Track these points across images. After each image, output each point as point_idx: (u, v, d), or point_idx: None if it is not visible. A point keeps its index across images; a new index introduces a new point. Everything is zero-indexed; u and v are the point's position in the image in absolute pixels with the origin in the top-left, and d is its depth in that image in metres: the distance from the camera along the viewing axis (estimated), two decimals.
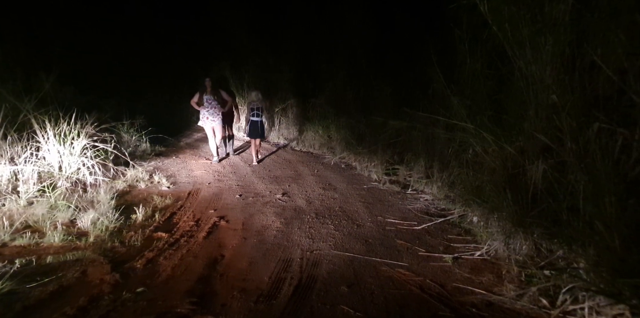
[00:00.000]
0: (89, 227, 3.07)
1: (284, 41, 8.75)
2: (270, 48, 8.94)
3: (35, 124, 4.00)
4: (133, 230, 3.26)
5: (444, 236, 3.02)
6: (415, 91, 5.81)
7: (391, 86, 6.26)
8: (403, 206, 3.91)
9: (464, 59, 4.16)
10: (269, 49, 9.00)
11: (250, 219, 3.71)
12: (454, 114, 3.69)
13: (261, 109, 5.82)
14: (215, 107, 5.73)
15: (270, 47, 8.94)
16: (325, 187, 4.87)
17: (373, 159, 5.65)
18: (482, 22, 3.16)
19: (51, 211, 3.19)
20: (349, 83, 7.78)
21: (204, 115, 5.73)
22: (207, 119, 5.74)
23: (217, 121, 5.81)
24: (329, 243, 3.05)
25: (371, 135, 6.08)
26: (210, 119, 5.74)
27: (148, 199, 4.19)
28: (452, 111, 3.88)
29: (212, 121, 5.76)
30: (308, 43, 8.43)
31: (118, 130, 5.99)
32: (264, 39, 9.04)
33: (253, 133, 5.88)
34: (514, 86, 2.70)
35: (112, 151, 4.74)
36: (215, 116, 5.76)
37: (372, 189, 4.66)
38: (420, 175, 4.59)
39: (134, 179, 4.77)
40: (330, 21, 8.01)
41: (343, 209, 3.95)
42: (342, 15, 7.70)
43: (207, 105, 5.69)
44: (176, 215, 3.78)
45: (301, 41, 8.50)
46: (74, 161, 4.15)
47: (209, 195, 4.50)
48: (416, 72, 5.99)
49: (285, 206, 4.12)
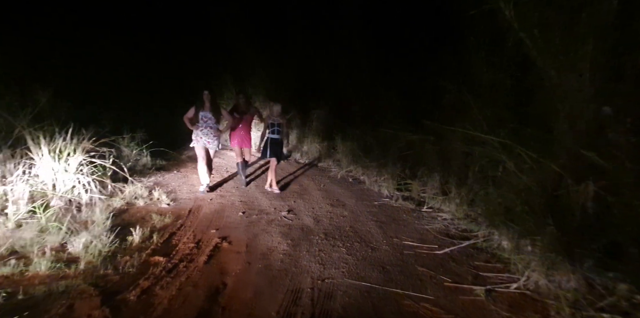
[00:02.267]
0: (81, 252, 2.82)
1: (286, 51, 8.66)
2: (272, 59, 8.84)
3: (29, 140, 3.81)
4: (128, 254, 3.00)
5: (471, 263, 2.73)
6: (425, 101, 5.61)
7: (399, 97, 6.07)
8: (420, 226, 3.63)
9: (481, 69, 3.96)
10: (271, 60, 8.91)
11: (254, 240, 3.45)
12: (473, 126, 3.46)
13: (280, 125, 5.04)
14: (211, 126, 4.72)
15: (273, 58, 8.84)
16: (333, 203, 4.60)
17: (382, 173, 5.40)
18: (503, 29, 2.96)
19: (41, 235, 2.95)
20: (354, 94, 7.61)
21: (197, 135, 4.72)
22: (201, 140, 4.73)
23: (213, 143, 4.80)
24: (341, 269, 2.77)
25: (379, 147, 5.85)
26: (204, 139, 4.72)
27: (146, 218, 3.94)
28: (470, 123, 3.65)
29: (206, 142, 4.75)
30: (310, 53, 8.33)
31: (118, 144, 5.80)
32: (265, 50, 8.96)
33: (268, 151, 5.05)
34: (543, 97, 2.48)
35: (110, 167, 4.52)
36: (211, 137, 4.74)
37: (384, 207, 4.39)
38: (436, 191, 4.32)
39: (133, 196, 4.53)
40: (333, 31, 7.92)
41: (354, 229, 3.68)
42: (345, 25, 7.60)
43: (202, 123, 4.68)
44: (175, 236, 3.53)
45: (303, 51, 8.40)
46: (68, 179, 3.93)
47: (211, 213, 4.25)
48: (425, 83, 5.81)
49: (292, 225, 3.86)
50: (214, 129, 4.75)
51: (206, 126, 4.71)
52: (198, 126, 4.68)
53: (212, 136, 4.76)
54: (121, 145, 6.23)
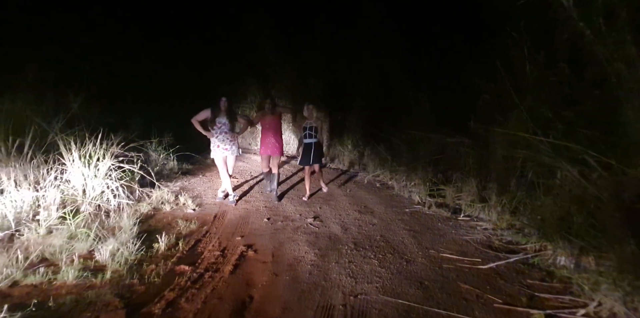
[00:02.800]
0: (108, 260, 2.78)
1: (310, 52, 8.54)
2: (296, 61, 8.76)
3: (61, 146, 3.87)
4: (154, 262, 2.94)
5: (523, 281, 2.44)
6: (458, 102, 5.30)
7: (429, 97, 5.78)
8: (458, 236, 3.36)
9: (524, 65, 3.64)
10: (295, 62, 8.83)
11: (280, 248, 3.30)
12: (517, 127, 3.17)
13: (315, 129, 4.69)
14: (226, 132, 4.56)
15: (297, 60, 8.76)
16: (361, 210, 4.40)
17: (412, 177, 5.13)
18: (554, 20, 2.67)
19: (70, 241, 2.94)
20: (381, 95, 7.37)
21: (214, 143, 4.56)
22: (218, 148, 4.55)
23: (231, 149, 4.63)
24: (375, 284, 2.57)
25: (408, 151, 5.59)
26: (222, 147, 4.55)
27: (172, 224, 3.90)
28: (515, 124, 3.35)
29: (223, 149, 4.56)
30: (335, 54, 8.17)
31: (146, 149, 5.88)
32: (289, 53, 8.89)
33: (305, 158, 4.75)
34: (606, 94, 2.18)
35: (137, 172, 4.55)
36: (228, 143, 4.58)
37: (416, 214, 4.13)
38: (472, 198, 4.02)
39: (159, 201, 4.53)
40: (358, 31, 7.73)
41: (385, 238, 3.45)
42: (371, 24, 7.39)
43: (217, 130, 4.53)
44: (201, 243, 3.45)
45: (328, 52, 8.25)
46: (98, 184, 3.96)
47: (236, 218, 4.17)
48: (458, 82, 5.49)
49: (318, 232, 3.69)
50: (229, 134, 4.59)
51: (221, 132, 4.54)
52: (213, 134, 4.54)
53: (229, 141, 4.58)
54: (149, 149, 6.33)
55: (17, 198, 3.25)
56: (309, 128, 4.70)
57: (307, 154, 4.73)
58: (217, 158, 4.62)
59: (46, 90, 4.21)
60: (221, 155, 4.59)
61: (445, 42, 6.11)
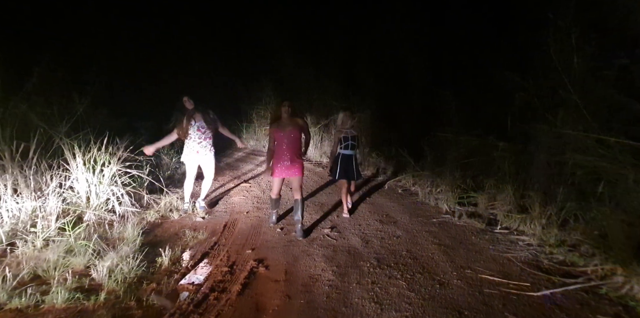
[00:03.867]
0: (104, 278, 2.52)
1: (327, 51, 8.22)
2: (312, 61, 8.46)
3: (66, 150, 3.69)
4: (156, 280, 2.66)
5: (590, 316, 2.00)
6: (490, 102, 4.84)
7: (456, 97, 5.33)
8: (497, 253, 2.92)
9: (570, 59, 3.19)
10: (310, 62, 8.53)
11: (294, 264, 2.97)
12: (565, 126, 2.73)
13: (356, 138, 4.03)
14: (208, 137, 4.12)
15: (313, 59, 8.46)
16: (383, 220, 4.01)
17: (438, 183, 4.70)
18: None
19: (66, 256, 2.70)
20: (400, 94, 6.96)
21: (192, 149, 4.08)
22: (197, 154, 4.10)
23: (209, 154, 4.16)
24: (404, 313, 2.19)
25: (433, 154, 5.15)
26: (201, 152, 4.10)
27: (179, 234, 3.64)
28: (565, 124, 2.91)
29: (203, 155, 4.12)
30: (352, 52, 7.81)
31: (157, 152, 5.68)
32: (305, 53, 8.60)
33: (343, 171, 3.98)
34: None
35: (145, 178, 4.33)
36: (208, 149, 4.15)
37: (445, 225, 3.71)
38: (509, 207, 3.57)
39: (168, 209, 4.28)
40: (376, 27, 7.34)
41: (413, 254, 3.06)
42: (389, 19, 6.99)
43: (198, 135, 4.06)
44: (208, 256, 3.16)
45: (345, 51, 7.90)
46: (103, 191, 3.75)
47: (247, 228, 3.87)
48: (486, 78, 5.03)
49: (336, 245, 3.34)
50: (210, 139, 4.16)
51: (204, 137, 4.09)
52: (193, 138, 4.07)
53: (209, 147, 4.17)
54: (161, 153, 6.15)
55: (14, 207, 3.06)
56: (351, 137, 3.96)
57: (346, 167, 3.98)
58: (190, 164, 4.22)
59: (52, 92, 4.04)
60: (195, 161, 4.18)
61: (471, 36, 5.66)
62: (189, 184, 4.30)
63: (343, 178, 4.02)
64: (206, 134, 4.14)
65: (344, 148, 3.99)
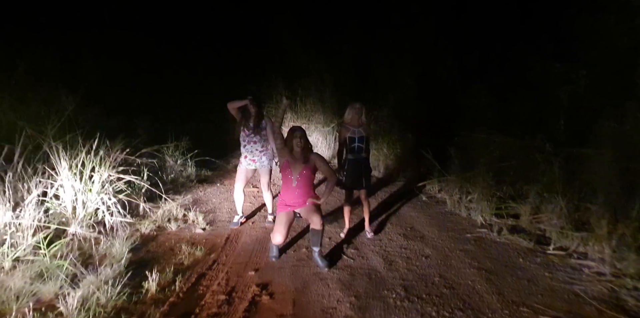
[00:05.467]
0: (74, 312, 2.09)
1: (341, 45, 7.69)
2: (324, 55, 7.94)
3: (51, 154, 3.30)
4: (137, 313, 2.22)
5: None
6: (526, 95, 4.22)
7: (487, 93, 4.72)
8: (558, 283, 2.35)
9: None
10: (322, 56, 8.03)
11: (304, 292, 2.49)
12: None
13: (366, 140, 3.34)
14: (256, 141, 3.66)
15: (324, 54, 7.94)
16: (407, 234, 3.48)
17: (469, 189, 4.12)
18: None
19: (35, 282, 2.29)
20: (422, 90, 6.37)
21: (242, 154, 3.74)
22: (245, 159, 3.71)
23: (261, 162, 3.69)
24: None
25: (459, 156, 4.56)
26: (249, 158, 3.68)
27: (175, 249, 3.21)
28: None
29: (250, 161, 3.68)
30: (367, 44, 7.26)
31: (159, 154, 5.30)
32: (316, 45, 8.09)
33: (352, 179, 3.34)
34: None
35: (142, 183, 3.93)
36: (257, 155, 3.67)
37: (482, 242, 3.14)
38: (561, 221, 2.98)
39: (166, 218, 3.87)
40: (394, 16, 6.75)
41: (448, 281, 2.52)
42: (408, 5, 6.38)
43: (246, 138, 3.66)
44: (204, 279, 2.71)
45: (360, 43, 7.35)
46: (92, 200, 3.36)
47: (251, 242, 3.41)
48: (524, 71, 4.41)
49: (354, 267, 2.84)
50: (259, 144, 3.66)
51: (250, 141, 3.65)
52: (244, 142, 3.68)
53: (259, 151, 3.67)
54: (165, 155, 5.78)
55: None
56: (358, 138, 3.28)
57: (353, 175, 3.33)
58: (239, 171, 3.79)
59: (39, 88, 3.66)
60: (245, 168, 3.73)
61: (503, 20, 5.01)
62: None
63: (349, 186, 3.38)
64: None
65: (349, 151, 3.32)
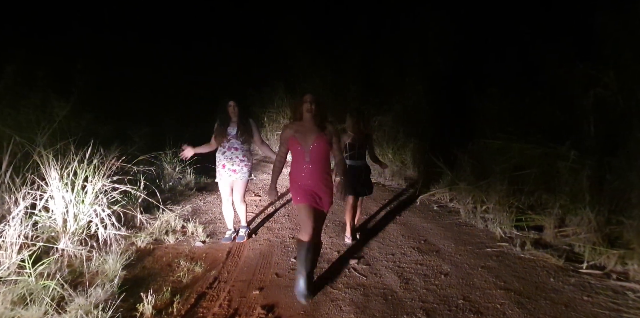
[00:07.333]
0: None
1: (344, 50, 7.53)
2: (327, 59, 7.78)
3: (40, 163, 3.09)
4: None
5: None
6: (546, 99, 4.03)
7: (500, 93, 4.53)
8: (601, 311, 2.11)
9: None
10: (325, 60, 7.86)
11: (314, 316, 2.26)
12: None
13: (364, 147, 3.36)
14: (237, 148, 3.27)
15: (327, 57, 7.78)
16: (422, 247, 3.25)
17: (483, 198, 3.90)
18: None
19: (16, 307, 2.06)
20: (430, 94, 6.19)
21: (219, 162, 3.31)
22: (223, 169, 3.28)
23: (241, 173, 3.28)
24: None
25: (470, 163, 4.35)
26: (227, 168, 3.27)
27: (173, 265, 2.98)
28: None
29: (230, 171, 3.27)
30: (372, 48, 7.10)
31: (157, 161, 5.10)
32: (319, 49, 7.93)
33: (353, 185, 3.23)
34: None
35: (138, 193, 3.71)
36: (237, 164, 3.27)
37: (505, 258, 2.91)
38: (590, 235, 2.75)
39: (163, 230, 3.65)
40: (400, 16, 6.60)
41: (473, 304, 2.29)
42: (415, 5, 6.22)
43: (226, 144, 3.27)
44: (204, 300, 2.48)
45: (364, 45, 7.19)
46: (84, 212, 3.13)
47: (255, 256, 3.18)
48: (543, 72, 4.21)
49: (367, 286, 2.61)
50: (241, 151, 3.28)
51: (230, 147, 3.26)
52: (222, 149, 3.29)
53: (239, 160, 3.27)
54: (163, 161, 5.58)
55: None
56: (357, 145, 3.29)
57: (352, 181, 3.23)
58: (221, 183, 3.37)
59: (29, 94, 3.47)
60: (226, 180, 3.33)
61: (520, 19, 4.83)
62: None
63: (348, 193, 3.23)
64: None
65: (349, 157, 3.28)
